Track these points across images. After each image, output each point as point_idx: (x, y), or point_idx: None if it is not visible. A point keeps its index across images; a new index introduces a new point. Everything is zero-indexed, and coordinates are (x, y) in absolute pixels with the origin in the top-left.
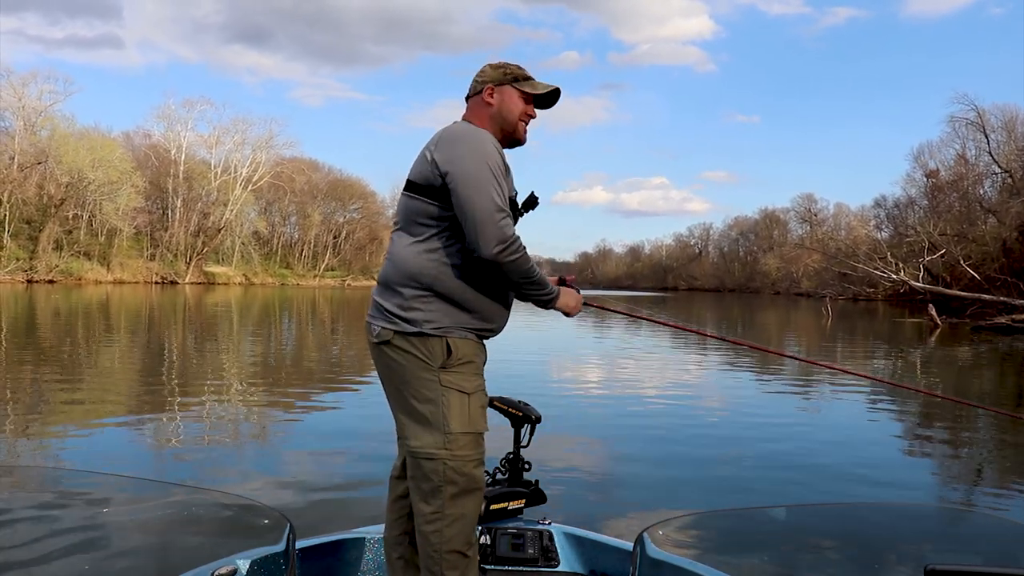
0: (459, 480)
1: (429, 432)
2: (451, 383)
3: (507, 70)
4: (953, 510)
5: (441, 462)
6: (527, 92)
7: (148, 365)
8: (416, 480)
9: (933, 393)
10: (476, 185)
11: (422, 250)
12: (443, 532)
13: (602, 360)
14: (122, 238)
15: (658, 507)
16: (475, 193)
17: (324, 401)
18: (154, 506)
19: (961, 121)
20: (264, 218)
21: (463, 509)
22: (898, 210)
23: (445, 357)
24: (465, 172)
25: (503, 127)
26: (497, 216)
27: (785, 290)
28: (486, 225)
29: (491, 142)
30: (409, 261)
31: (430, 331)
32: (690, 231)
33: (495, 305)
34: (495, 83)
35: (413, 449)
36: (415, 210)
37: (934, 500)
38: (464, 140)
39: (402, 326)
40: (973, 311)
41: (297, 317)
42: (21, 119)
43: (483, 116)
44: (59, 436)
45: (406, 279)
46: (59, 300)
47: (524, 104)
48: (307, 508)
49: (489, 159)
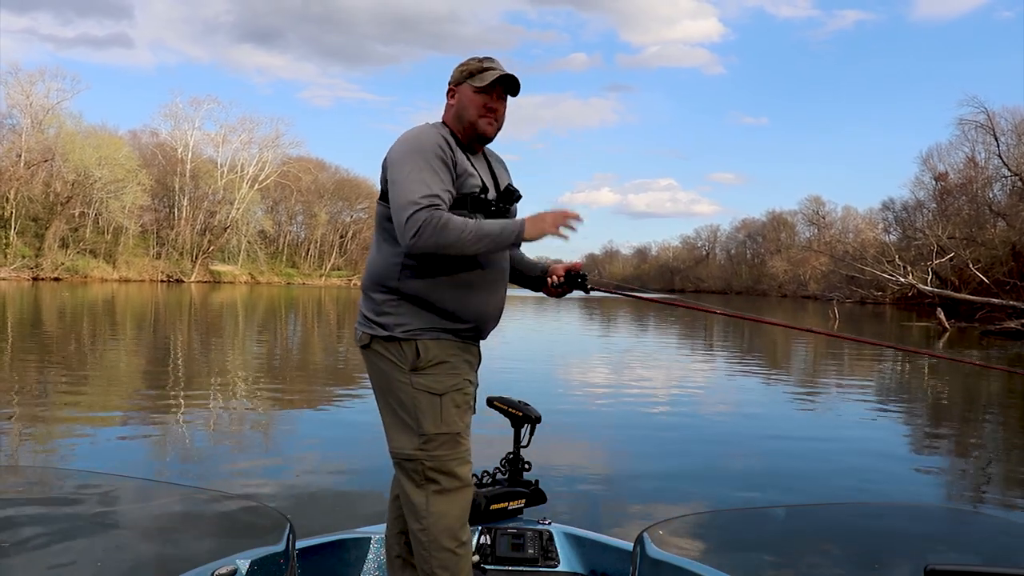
0: (440, 479)
1: (405, 434)
2: (422, 385)
3: (464, 68)
4: (953, 510)
5: (419, 463)
6: (476, 85)
7: (152, 364)
8: (400, 480)
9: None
10: (397, 184)
11: (387, 254)
12: (429, 530)
13: (603, 361)
14: (128, 236)
15: (658, 507)
16: (395, 193)
17: (327, 400)
18: (154, 506)
19: (971, 123)
20: (270, 217)
21: (447, 507)
22: (906, 213)
23: (415, 359)
24: (393, 166)
25: (463, 124)
26: (408, 211)
27: (792, 293)
28: (401, 223)
29: (429, 133)
30: (376, 266)
31: (400, 335)
32: (697, 233)
33: (469, 302)
34: (455, 83)
35: (393, 451)
36: (379, 215)
37: (934, 500)
38: (401, 139)
39: (377, 331)
40: (982, 315)
41: (303, 316)
42: (29, 117)
43: (449, 116)
44: (62, 436)
45: (375, 284)
46: (68, 298)
47: (481, 97)
48: (307, 508)
49: (418, 152)
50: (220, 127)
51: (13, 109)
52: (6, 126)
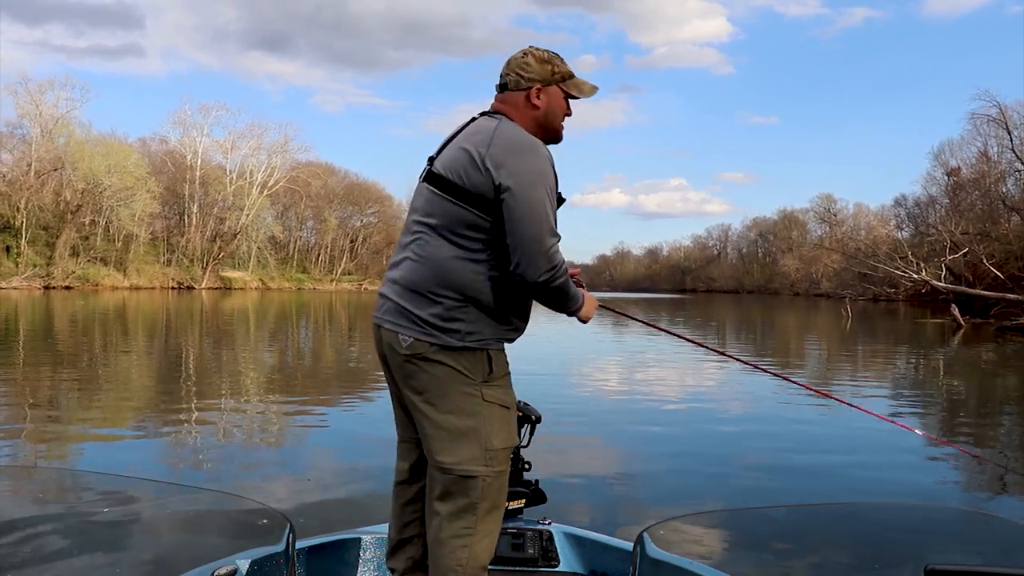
0: (494, 496)
1: (468, 448)
2: (494, 398)
3: (555, 68)
4: (953, 510)
5: (480, 479)
6: (573, 95)
7: (163, 370)
8: (446, 496)
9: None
10: (533, 210)
11: (467, 260)
12: (472, 548)
13: (605, 362)
14: (138, 244)
15: (658, 507)
16: (531, 218)
17: (335, 405)
18: (154, 506)
19: (983, 118)
20: (280, 223)
21: (493, 524)
22: (919, 209)
23: (487, 372)
24: (524, 193)
25: (547, 130)
26: (548, 243)
27: (805, 291)
28: (537, 255)
29: (549, 158)
30: (454, 271)
31: (472, 344)
32: (708, 232)
33: (523, 314)
34: (544, 82)
35: (447, 466)
36: (460, 219)
37: (935, 500)
38: (524, 153)
39: (442, 338)
40: (997, 311)
41: (314, 322)
42: (38, 126)
43: (526, 117)
44: (70, 440)
45: (447, 289)
46: (83, 306)
47: (565, 103)
48: (308, 508)
49: (547, 180)
50: (229, 133)
51: (23, 119)
52: (16, 136)
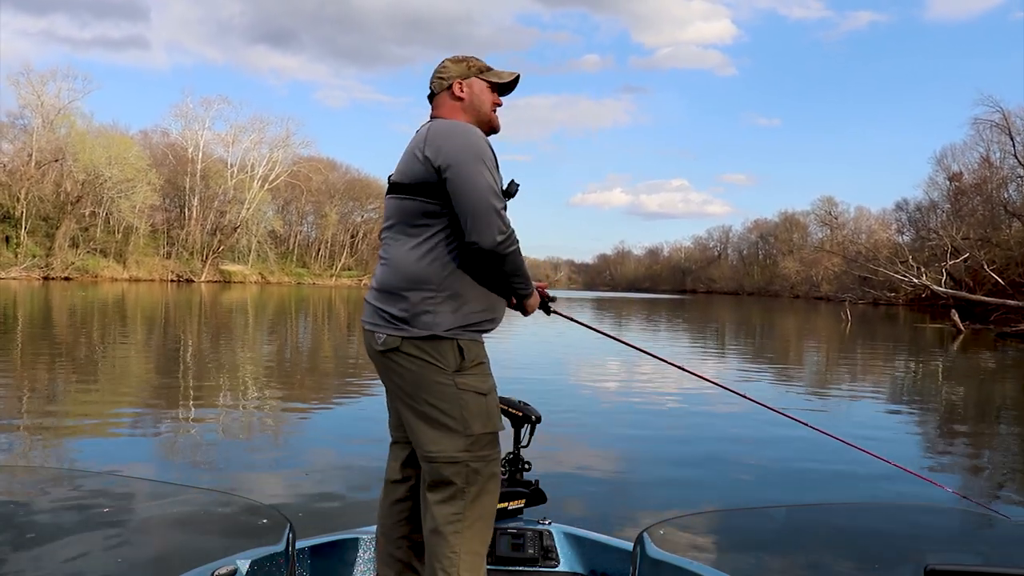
0: (481, 480)
1: (449, 437)
2: (467, 385)
3: (470, 63)
4: (953, 510)
5: (463, 464)
6: (493, 82)
7: (161, 364)
8: (435, 486)
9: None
10: (474, 177)
11: (424, 251)
12: (463, 533)
13: (605, 362)
14: (138, 236)
15: (658, 507)
16: (474, 185)
17: (332, 401)
18: (154, 506)
19: (986, 123)
20: (280, 217)
21: (483, 509)
22: (920, 213)
23: (459, 360)
24: (462, 164)
25: (478, 118)
26: (496, 203)
27: (805, 294)
28: (487, 215)
29: (481, 135)
30: (412, 264)
31: (441, 334)
32: (709, 233)
33: (496, 297)
34: (462, 77)
35: (432, 455)
36: (410, 210)
37: (935, 500)
38: (456, 134)
39: (411, 331)
40: (997, 317)
41: (313, 317)
42: (40, 116)
43: (456, 110)
44: (68, 435)
45: (410, 283)
46: (84, 296)
47: (491, 93)
48: (307, 508)
49: (483, 151)
50: (230, 127)
51: (25, 109)
52: (17, 126)
